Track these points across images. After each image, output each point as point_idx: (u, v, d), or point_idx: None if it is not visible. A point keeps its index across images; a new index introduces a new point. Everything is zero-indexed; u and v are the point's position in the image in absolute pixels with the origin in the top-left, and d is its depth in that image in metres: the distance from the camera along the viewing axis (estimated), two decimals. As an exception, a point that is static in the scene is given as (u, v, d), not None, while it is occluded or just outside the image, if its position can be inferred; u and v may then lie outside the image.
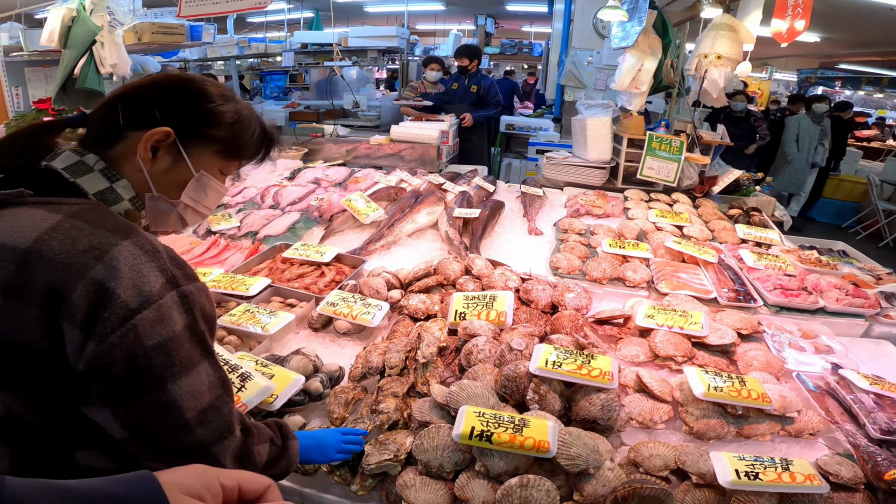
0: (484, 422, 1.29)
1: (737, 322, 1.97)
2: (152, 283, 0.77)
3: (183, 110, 0.96)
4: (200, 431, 0.82)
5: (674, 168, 3.33)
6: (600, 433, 1.46)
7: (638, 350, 1.85)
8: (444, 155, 4.14)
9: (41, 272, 0.72)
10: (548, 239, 2.88)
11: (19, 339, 0.73)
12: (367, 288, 2.11)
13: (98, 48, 3.29)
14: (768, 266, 2.42)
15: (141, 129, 0.93)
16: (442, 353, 1.79)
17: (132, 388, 0.76)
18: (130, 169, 0.94)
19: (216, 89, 1.00)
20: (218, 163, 1.04)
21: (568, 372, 1.45)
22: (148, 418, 0.78)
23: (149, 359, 0.76)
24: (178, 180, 1.00)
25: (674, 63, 3.54)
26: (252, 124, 1.05)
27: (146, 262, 0.78)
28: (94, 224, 0.78)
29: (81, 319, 0.72)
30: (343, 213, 2.96)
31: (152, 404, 0.77)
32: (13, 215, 0.77)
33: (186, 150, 0.97)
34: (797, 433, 1.59)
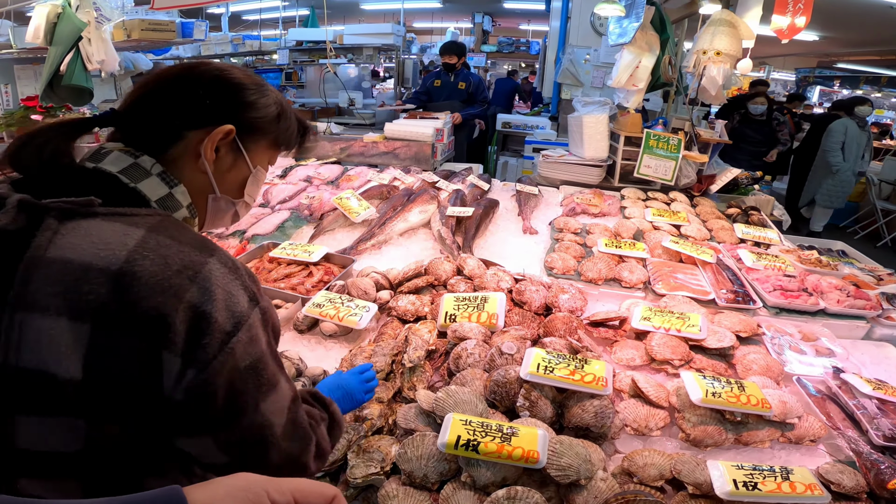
0: (471, 430, 1.23)
1: (736, 324, 1.91)
2: (241, 302, 0.73)
3: (233, 105, 0.91)
4: (287, 445, 0.82)
5: (671, 166, 3.27)
6: (593, 440, 1.40)
7: (633, 353, 1.80)
8: (438, 153, 4.08)
9: (140, 297, 0.65)
10: (543, 238, 2.82)
11: (114, 369, 0.66)
12: (354, 289, 2.05)
13: (85, 44, 3.22)
14: (767, 266, 2.37)
15: (199, 129, 0.88)
16: (431, 357, 1.73)
17: (232, 413, 0.73)
18: (188, 171, 0.89)
19: (250, 79, 0.95)
20: (268, 155, 1.02)
21: (560, 377, 1.39)
22: (246, 441, 0.76)
23: (244, 381, 0.73)
24: (239, 178, 0.97)
25: (672, 60, 3.48)
26: (291, 113, 1.03)
27: (232, 280, 0.74)
28: (177, 240, 0.73)
29: (182, 346, 0.67)
30: (334, 212, 2.90)
31: (249, 427, 0.75)
32: (89, 229, 0.69)
33: (244, 146, 0.94)
34: (797, 439, 1.54)
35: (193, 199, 0.90)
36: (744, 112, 6.45)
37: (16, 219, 0.67)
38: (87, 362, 0.64)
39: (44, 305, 0.64)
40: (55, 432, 0.66)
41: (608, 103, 3.69)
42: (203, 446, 0.75)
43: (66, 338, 0.64)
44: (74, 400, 0.65)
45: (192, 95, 0.88)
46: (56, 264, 0.65)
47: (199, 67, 0.91)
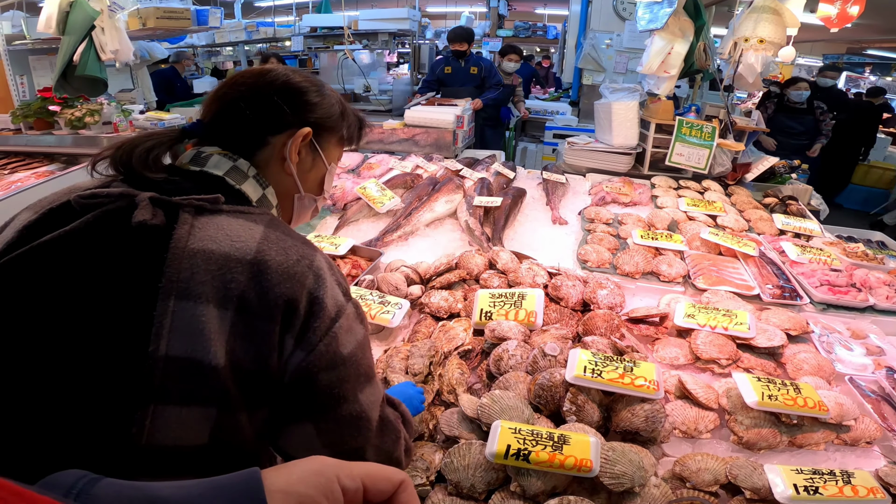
0: (520, 439, 1.17)
1: (785, 322, 1.82)
2: (340, 293, 0.80)
3: (304, 108, 0.96)
4: (381, 441, 0.86)
5: (705, 154, 3.15)
6: (642, 444, 1.34)
7: (677, 352, 1.72)
8: (459, 140, 3.98)
9: (272, 283, 0.71)
10: (573, 229, 2.74)
11: (249, 354, 0.70)
12: (385, 284, 1.99)
13: (98, 34, 3.16)
14: (813, 260, 2.26)
15: (280, 133, 0.94)
16: (467, 357, 1.67)
17: (332, 399, 0.77)
18: (274, 173, 0.95)
19: (310, 81, 0.99)
20: (338, 151, 1.07)
21: (610, 381, 1.32)
22: (345, 433, 0.80)
23: (345, 368, 0.78)
24: (318, 176, 1.04)
25: (707, 47, 3.34)
26: (349, 109, 1.07)
27: (332, 273, 0.81)
28: (290, 235, 0.80)
29: (298, 329, 0.73)
30: (357, 202, 2.84)
31: (349, 416, 0.79)
32: (220, 224, 0.75)
33: (319, 145, 0.99)
34: (853, 441, 1.48)
35: (279, 199, 0.97)
36: (778, 99, 5.82)
37: (154, 213, 0.71)
38: (228, 348, 0.68)
39: (197, 293, 0.67)
40: (187, 422, 0.67)
41: (638, 90, 3.57)
42: (305, 435, 0.77)
43: (213, 325, 0.67)
44: (215, 386, 0.67)
45: (269, 103, 0.93)
46: (200, 255, 0.70)
47: (268, 74, 0.95)
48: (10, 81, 4.37)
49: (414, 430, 1.08)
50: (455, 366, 1.56)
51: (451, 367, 1.55)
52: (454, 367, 1.55)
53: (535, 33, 8.22)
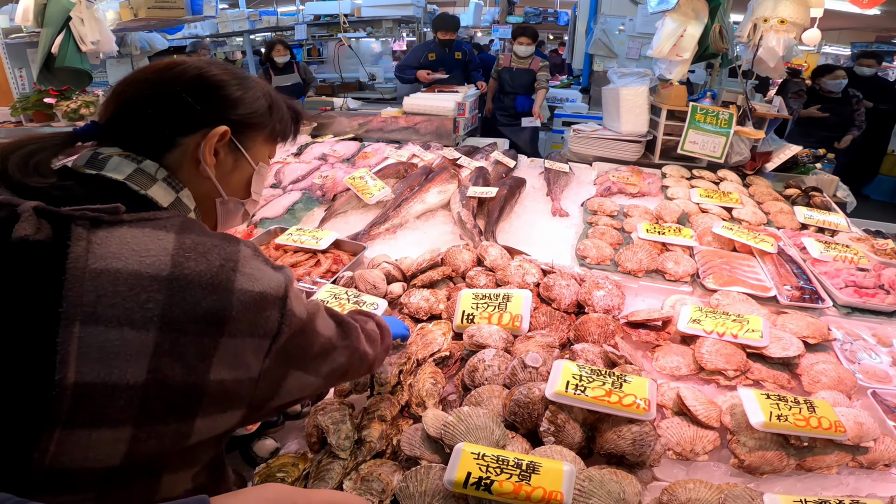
0: (483, 466, 1.01)
1: (803, 329, 1.63)
2: (274, 274, 0.78)
3: (220, 104, 0.88)
4: (345, 343, 0.95)
5: (721, 143, 2.93)
6: (628, 468, 1.18)
7: (679, 361, 1.55)
8: (461, 127, 3.81)
9: (197, 298, 0.68)
10: (574, 221, 2.56)
11: (188, 370, 0.67)
12: (362, 282, 1.84)
13: (77, 25, 3.07)
14: (837, 258, 2.05)
15: (192, 133, 0.86)
16: (445, 364, 1.52)
17: (308, 347, 0.84)
18: (190, 176, 0.88)
19: (231, 74, 0.91)
20: (267, 149, 1.00)
21: (594, 399, 1.16)
22: (320, 359, 0.88)
23: (306, 324, 0.82)
24: (243, 178, 0.97)
25: (723, 29, 3.09)
26: (281, 102, 1.00)
27: (259, 258, 0.78)
28: (205, 234, 0.75)
29: (247, 329, 0.72)
30: (346, 193, 2.69)
31: (322, 347, 0.87)
32: (123, 237, 0.69)
33: (242, 145, 0.93)
34: (870, 464, 1.31)
35: (199, 203, 0.90)
36: (809, 88, 5.34)
37: (39, 227, 0.65)
38: (152, 367, 0.65)
39: (106, 317, 0.63)
40: (97, 444, 0.64)
41: (648, 74, 3.35)
42: (297, 380, 0.83)
43: (132, 347, 0.64)
44: (131, 406, 0.64)
45: (176, 101, 0.84)
46: (105, 275, 0.65)
47: (174, 68, 0.87)
48: (8, 74, 4.35)
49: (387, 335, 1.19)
50: (428, 375, 1.41)
51: (423, 376, 1.40)
52: (427, 377, 1.40)
53: (545, 19, 7.90)
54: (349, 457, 1.21)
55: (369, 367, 1.07)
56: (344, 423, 1.29)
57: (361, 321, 1.09)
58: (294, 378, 0.83)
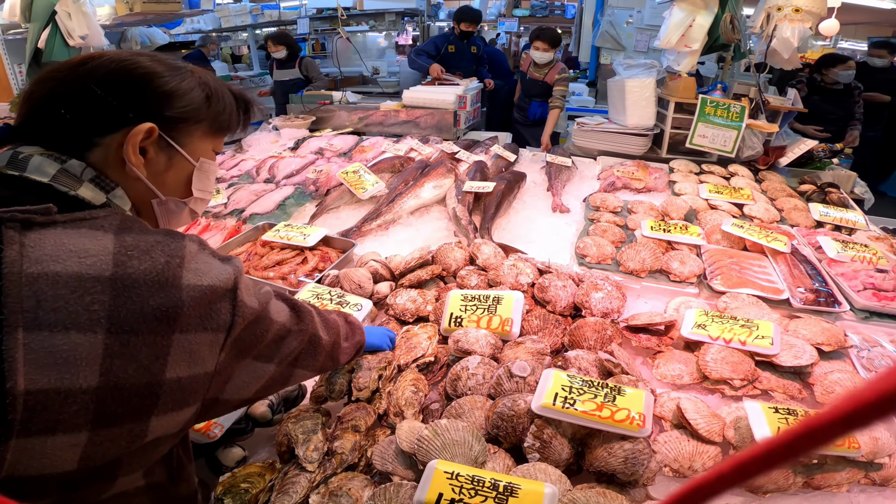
0: (457, 487, 0.92)
1: (817, 335, 1.51)
2: (221, 266, 0.77)
3: (146, 98, 0.81)
4: (300, 326, 0.94)
5: (732, 136, 2.79)
6: (619, 486, 1.08)
7: (681, 369, 1.44)
8: (462, 121, 3.69)
9: (145, 297, 0.66)
10: (576, 218, 2.44)
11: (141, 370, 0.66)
12: (347, 281, 1.75)
13: (64, 19, 3.01)
14: (855, 258, 1.92)
15: (111, 133, 0.78)
16: (429, 370, 1.42)
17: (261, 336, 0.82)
18: (119, 177, 0.81)
19: (161, 65, 0.84)
20: (210, 143, 0.94)
21: (584, 413, 1.05)
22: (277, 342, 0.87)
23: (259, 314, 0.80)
24: (181, 176, 0.90)
25: (734, 18, 2.95)
26: (224, 91, 0.94)
27: (206, 252, 0.77)
28: (147, 232, 0.72)
29: (199, 324, 0.71)
30: (339, 188, 2.60)
31: (278, 332, 0.86)
32: (59, 239, 0.66)
33: (177, 141, 0.86)
34: (883, 481, 1.21)
35: (136, 203, 0.85)
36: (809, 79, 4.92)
37: None
38: (104, 369, 0.63)
39: (50, 322, 0.61)
40: (53, 451, 0.63)
41: (655, 66, 3.22)
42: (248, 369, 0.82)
43: (81, 351, 0.62)
44: (86, 410, 0.63)
45: (89, 98, 0.77)
46: (43, 279, 0.62)
47: (88, 63, 0.79)
48: (8, 70, 4.31)
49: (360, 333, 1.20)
50: (409, 382, 1.31)
51: (403, 383, 1.31)
52: (407, 384, 1.31)
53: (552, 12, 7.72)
54: (317, 469, 1.12)
55: (326, 354, 1.04)
56: (315, 434, 1.20)
57: (322, 310, 1.08)
58: (246, 366, 0.82)
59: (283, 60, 5.04)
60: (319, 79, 5.09)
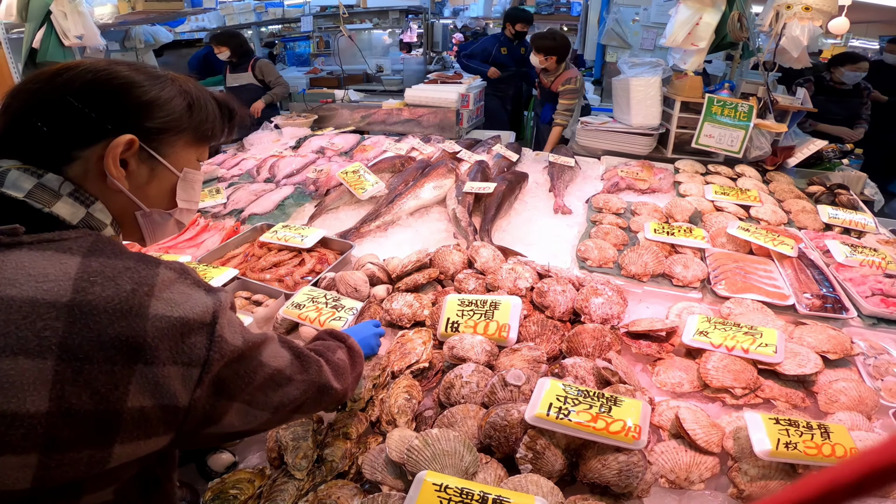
0: (445, 499, 0.90)
1: (823, 342, 1.47)
2: (202, 297, 0.73)
3: (125, 109, 0.79)
4: (304, 376, 0.88)
5: (739, 136, 2.75)
6: (613, 499, 1.05)
7: (682, 377, 1.40)
8: (465, 120, 3.66)
9: (103, 325, 0.64)
10: (577, 219, 2.41)
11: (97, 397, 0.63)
12: (343, 284, 1.73)
13: (59, 18, 3.01)
14: (864, 262, 1.87)
15: (90, 146, 0.76)
16: (424, 376, 1.40)
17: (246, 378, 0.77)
18: (99, 190, 0.79)
19: (141, 73, 0.82)
20: (194, 153, 0.91)
21: (578, 425, 1.03)
22: (270, 389, 0.82)
23: (243, 352, 0.76)
24: (164, 188, 0.88)
25: (742, 16, 2.90)
26: (207, 99, 0.91)
27: (186, 281, 0.73)
28: (118, 256, 0.70)
29: (168, 356, 0.67)
30: (338, 188, 2.58)
31: (266, 377, 0.80)
32: (20, 261, 0.65)
33: (158, 152, 0.83)
34: (884, 494, 1.14)
35: (118, 216, 0.83)
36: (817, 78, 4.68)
37: None
38: (54, 395, 0.62)
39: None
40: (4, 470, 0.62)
41: (661, 64, 3.17)
42: (240, 413, 0.77)
43: (27, 376, 0.61)
44: (35, 433, 0.61)
45: (66, 109, 0.75)
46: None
47: (64, 74, 0.77)
48: (11, 68, 4.33)
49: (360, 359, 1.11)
50: (402, 389, 1.29)
51: (397, 390, 1.29)
52: (401, 391, 1.28)
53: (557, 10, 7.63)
54: (306, 477, 1.10)
55: (338, 400, 0.99)
56: (305, 441, 1.18)
57: (329, 352, 1.03)
58: (237, 410, 0.78)
59: (235, 63, 4.39)
60: (278, 84, 4.33)
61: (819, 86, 4.65)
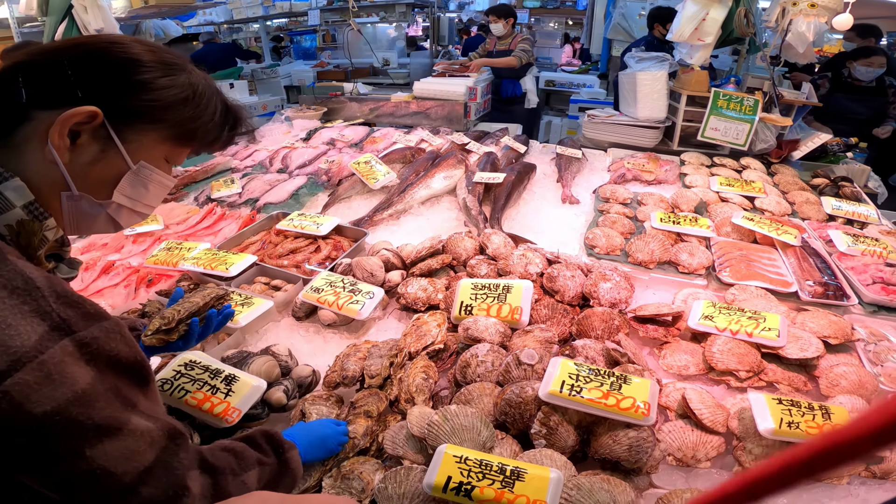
0: (465, 471, 0.95)
1: (824, 327, 1.52)
2: (25, 333, 0.59)
3: (112, 84, 0.74)
4: (147, 491, 0.67)
5: (745, 129, 2.78)
6: (623, 474, 1.10)
7: (687, 360, 1.46)
8: (472, 112, 3.70)
9: None
10: (585, 209, 2.45)
11: None
12: (359, 269, 1.78)
13: (80, 12, 3.05)
14: (865, 252, 1.91)
15: (53, 109, 0.71)
16: (439, 357, 1.46)
17: (40, 460, 0.60)
18: (34, 161, 0.73)
19: (153, 55, 0.77)
20: (165, 150, 0.83)
21: (589, 401, 1.08)
22: (78, 485, 0.63)
23: (46, 429, 0.59)
24: (107, 174, 0.79)
25: (748, 12, 2.92)
26: (212, 101, 0.85)
27: (14, 305, 0.60)
28: None
29: None
30: (351, 178, 2.63)
31: (76, 473, 0.62)
32: None
33: (121, 135, 0.76)
34: (884, 474, 1.22)
35: (45, 195, 0.74)
36: (834, 75, 4.53)
37: None
38: None
39: None
40: None
41: (667, 59, 3.20)
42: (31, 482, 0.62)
43: None
44: None
45: (49, 69, 0.71)
46: None
47: (84, 38, 0.76)
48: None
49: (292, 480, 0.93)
50: (420, 369, 1.35)
51: (414, 370, 1.34)
52: (418, 371, 1.34)
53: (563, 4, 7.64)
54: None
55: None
56: (329, 418, 1.24)
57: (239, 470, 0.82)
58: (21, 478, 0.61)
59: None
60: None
61: (837, 82, 4.45)
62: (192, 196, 2.75)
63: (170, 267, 1.93)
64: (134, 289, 1.89)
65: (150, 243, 2.22)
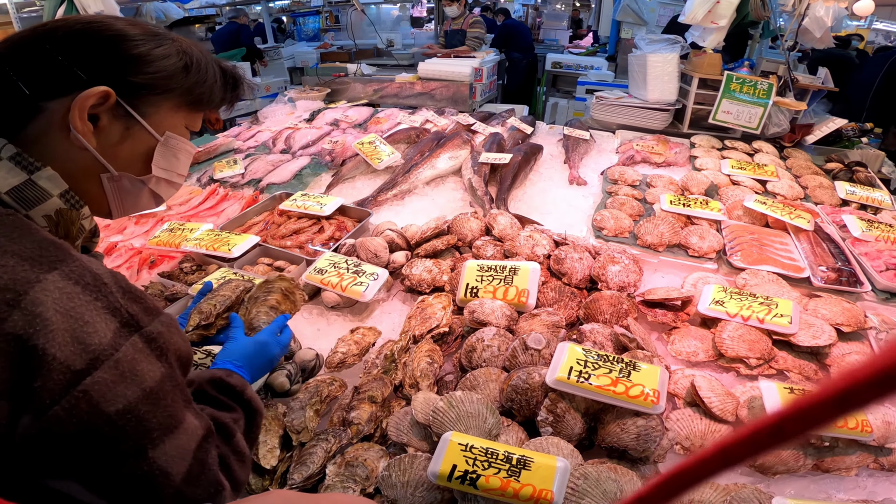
0: (471, 459, 0.93)
1: (837, 314, 1.48)
2: (100, 331, 0.59)
3: (109, 61, 0.73)
4: (192, 491, 0.67)
5: (758, 113, 2.72)
6: (630, 463, 1.09)
7: (697, 346, 1.43)
8: (478, 94, 3.64)
9: None
10: (593, 191, 2.41)
11: None
12: (363, 250, 1.75)
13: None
14: (879, 238, 1.87)
15: (62, 97, 0.70)
16: (444, 340, 1.43)
17: (102, 462, 0.60)
18: (60, 150, 0.72)
19: (137, 28, 0.77)
20: (182, 118, 0.84)
21: (598, 388, 1.06)
22: (131, 491, 0.62)
23: (117, 427, 0.59)
24: (139, 150, 0.80)
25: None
26: (210, 65, 0.86)
27: (87, 301, 0.59)
28: (2, 250, 0.59)
29: (4, 388, 0.55)
30: (355, 158, 2.59)
31: (133, 476, 0.62)
32: None
33: (138, 111, 0.77)
34: (892, 466, 1.20)
35: (80, 182, 0.74)
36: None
37: None
38: None
39: None
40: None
41: (679, 41, 3.12)
42: (73, 489, 0.60)
43: None
44: None
45: (42, 57, 0.69)
46: None
47: (55, 23, 0.72)
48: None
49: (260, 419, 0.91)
50: (424, 353, 1.32)
51: (419, 354, 1.32)
52: (423, 355, 1.32)
53: (572, -13, 7.50)
54: (332, 439, 1.14)
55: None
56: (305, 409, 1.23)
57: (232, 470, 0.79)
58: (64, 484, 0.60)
59: None
60: None
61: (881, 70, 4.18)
62: (195, 177, 2.71)
63: (172, 248, 1.90)
64: (136, 270, 1.87)
65: (152, 224, 2.19)
